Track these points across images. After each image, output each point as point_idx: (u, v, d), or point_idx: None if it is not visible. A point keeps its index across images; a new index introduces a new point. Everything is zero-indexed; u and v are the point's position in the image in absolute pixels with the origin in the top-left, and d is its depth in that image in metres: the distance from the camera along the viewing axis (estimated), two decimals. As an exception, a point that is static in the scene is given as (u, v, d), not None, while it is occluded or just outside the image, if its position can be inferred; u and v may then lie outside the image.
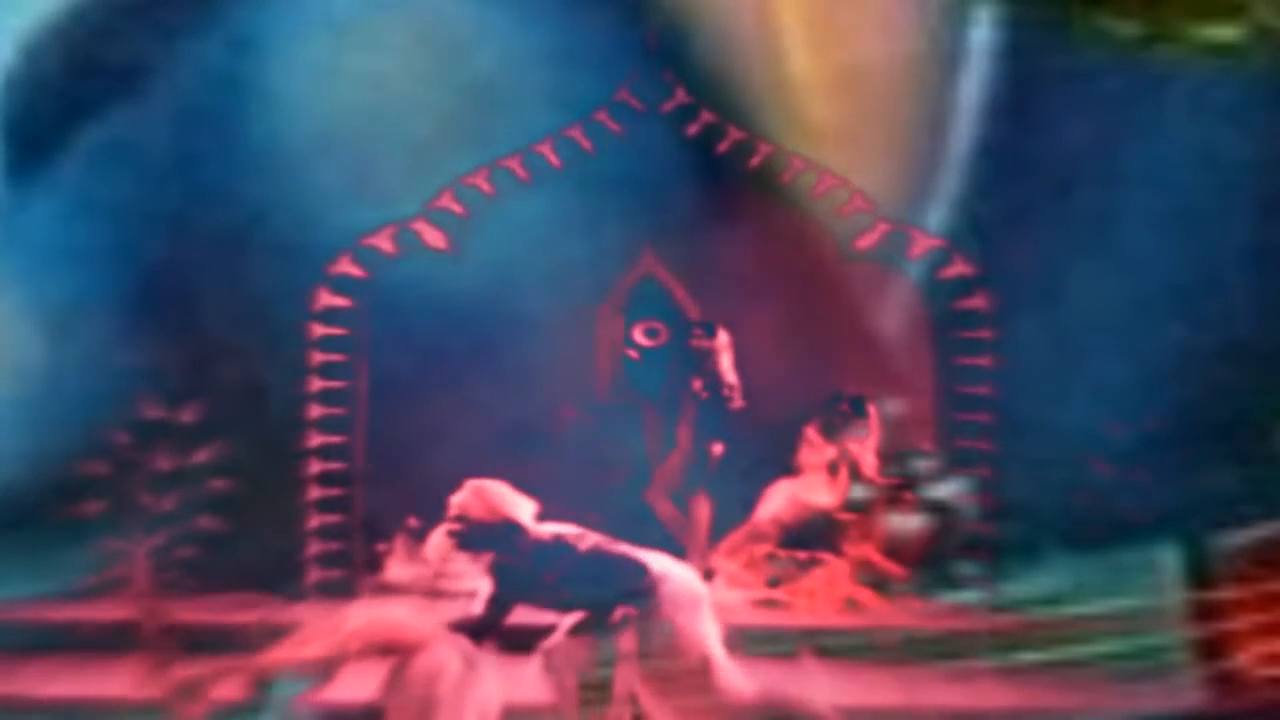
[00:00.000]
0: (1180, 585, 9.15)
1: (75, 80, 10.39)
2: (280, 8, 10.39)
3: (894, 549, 10.46)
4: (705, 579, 8.40)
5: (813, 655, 8.74)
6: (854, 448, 10.86)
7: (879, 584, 10.32)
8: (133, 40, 10.48)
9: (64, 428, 10.12)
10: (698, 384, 10.98)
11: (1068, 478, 10.34)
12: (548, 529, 7.25)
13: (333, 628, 7.15)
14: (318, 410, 11.05)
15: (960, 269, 11.07)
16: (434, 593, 9.50)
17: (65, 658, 9.02)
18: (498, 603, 7.26)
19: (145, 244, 10.45)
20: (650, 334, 11.51)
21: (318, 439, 11.05)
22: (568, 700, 7.20)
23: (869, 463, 10.83)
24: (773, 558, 10.59)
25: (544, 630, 7.34)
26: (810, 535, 10.68)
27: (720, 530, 10.86)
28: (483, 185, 11.17)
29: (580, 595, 7.18)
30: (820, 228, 11.23)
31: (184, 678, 7.15)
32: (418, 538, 10.51)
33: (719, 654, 7.17)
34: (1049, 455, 10.24)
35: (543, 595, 7.22)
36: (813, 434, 10.97)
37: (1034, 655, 8.96)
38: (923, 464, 10.63)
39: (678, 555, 7.75)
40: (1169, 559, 9.24)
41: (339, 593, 10.31)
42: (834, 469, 10.84)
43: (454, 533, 7.31)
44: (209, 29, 10.47)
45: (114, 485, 10.63)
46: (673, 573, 7.27)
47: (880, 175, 10.93)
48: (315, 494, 10.99)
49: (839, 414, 10.96)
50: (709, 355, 10.99)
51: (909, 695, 8.62)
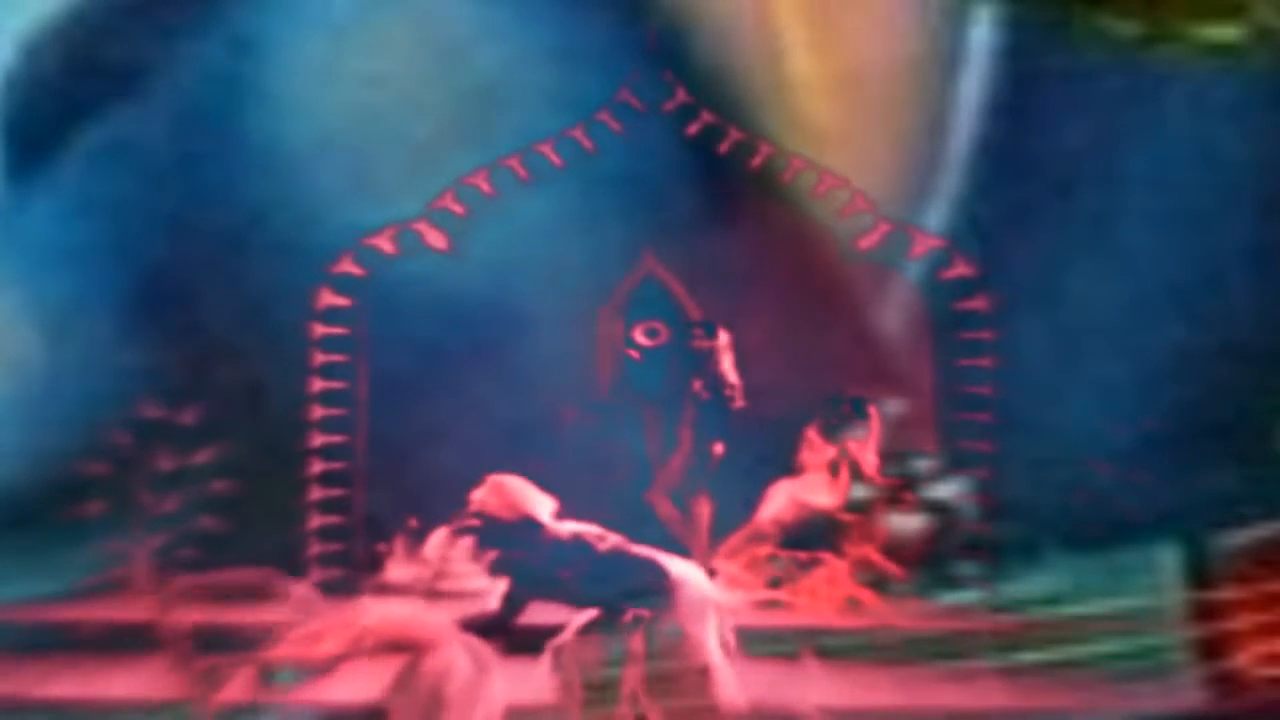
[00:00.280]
0: (1180, 585, 9.15)
1: (75, 80, 10.39)
2: (280, 8, 10.39)
3: (894, 549, 10.45)
4: (706, 579, 8.40)
5: (813, 656, 8.74)
6: (854, 448, 10.85)
7: (879, 584, 10.31)
8: (133, 40, 10.48)
9: (64, 428, 10.12)
10: (698, 384, 10.98)
11: (1068, 478, 10.34)
12: (567, 527, 7.24)
13: (347, 623, 7.14)
14: (318, 410, 11.06)
15: (961, 270, 11.06)
16: (434, 593, 9.49)
17: (65, 658, 9.01)
18: (512, 599, 7.25)
19: (145, 244, 10.45)
20: (651, 334, 11.50)
21: (318, 439, 11.06)
22: (573, 700, 7.20)
23: (869, 463, 10.82)
24: (773, 558, 10.58)
25: (551, 630, 7.34)
26: (811, 535, 10.67)
27: (721, 530, 10.86)
28: (483, 185, 11.17)
29: (596, 594, 7.17)
30: (821, 228, 11.21)
31: (203, 671, 7.15)
32: (418, 538, 10.52)
33: (720, 662, 7.17)
34: (1049, 455, 10.24)
35: (558, 593, 7.22)
36: (813, 434, 10.97)
37: (1034, 655, 8.96)
38: (923, 464, 10.63)
39: (678, 556, 7.75)
40: (1169, 559, 9.24)
41: (340, 593, 10.31)
42: (835, 469, 10.84)
43: (472, 528, 7.31)
44: (209, 29, 10.47)
45: (115, 485, 10.63)
46: (691, 578, 7.26)
47: (881, 176, 10.93)
48: (316, 494, 11.00)
49: (839, 414, 10.96)
50: (710, 355, 10.99)
51: (909, 695, 8.62)
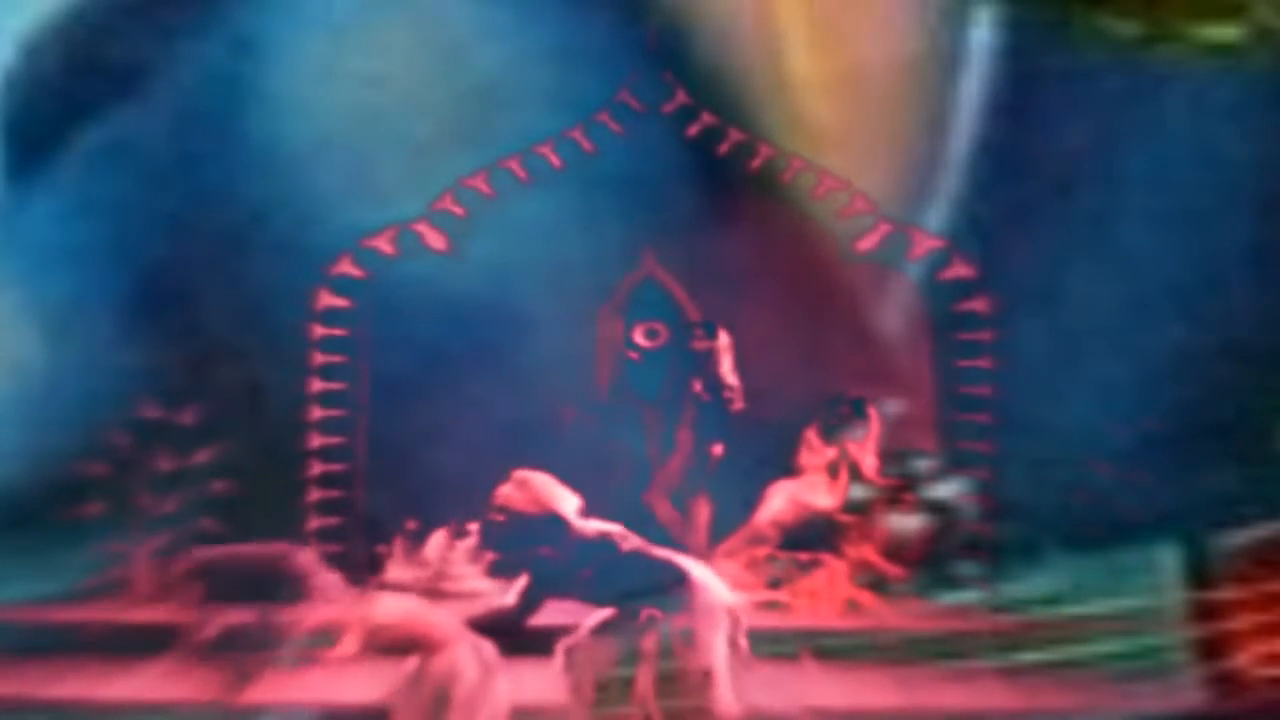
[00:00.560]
0: (1180, 585, 9.14)
1: (75, 80, 10.39)
2: (280, 8, 10.39)
3: (894, 550, 10.45)
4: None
5: (813, 656, 8.74)
6: (854, 449, 10.85)
7: (879, 585, 10.31)
8: (133, 40, 10.48)
9: (64, 428, 10.12)
10: (698, 385, 10.98)
11: (1068, 478, 10.35)
12: (593, 525, 7.23)
13: (361, 619, 7.13)
14: (318, 411, 11.06)
15: (960, 270, 11.07)
16: (434, 594, 9.50)
17: (65, 659, 9.01)
18: (530, 595, 7.24)
19: (145, 244, 10.45)
20: (650, 335, 11.50)
21: (318, 440, 11.06)
22: (582, 700, 7.19)
23: (869, 464, 10.82)
24: (773, 559, 10.58)
25: (556, 631, 7.33)
26: (810, 536, 10.66)
27: (720, 531, 10.86)
28: (483, 186, 11.18)
29: (615, 593, 7.16)
30: (821, 229, 11.22)
31: (233, 669, 7.16)
32: (418, 539, 10.52)
33: (722, 669, 7.17)
34: (1049, 455, 10.24)
35: (577, 590, 7.20)
36: (813, 435, 10.96)
37: (1034, 655, 8.95)
38: (923, 464, 10.63)
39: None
40: (1169, 559, 9.23)
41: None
42: (834, 470, 10.83)
43: (496, 523, 7.29)
44: (209, 29, 10.47)
45: (114, 486, 10.64)
46: (710, 584, 7.26)
47: (881, 176, 10.93)
48: (315, 495, 10.99)
49: (839, 415, 10.95)
50: (709, 356, 10.99)
51: (909, 696, 8.61)
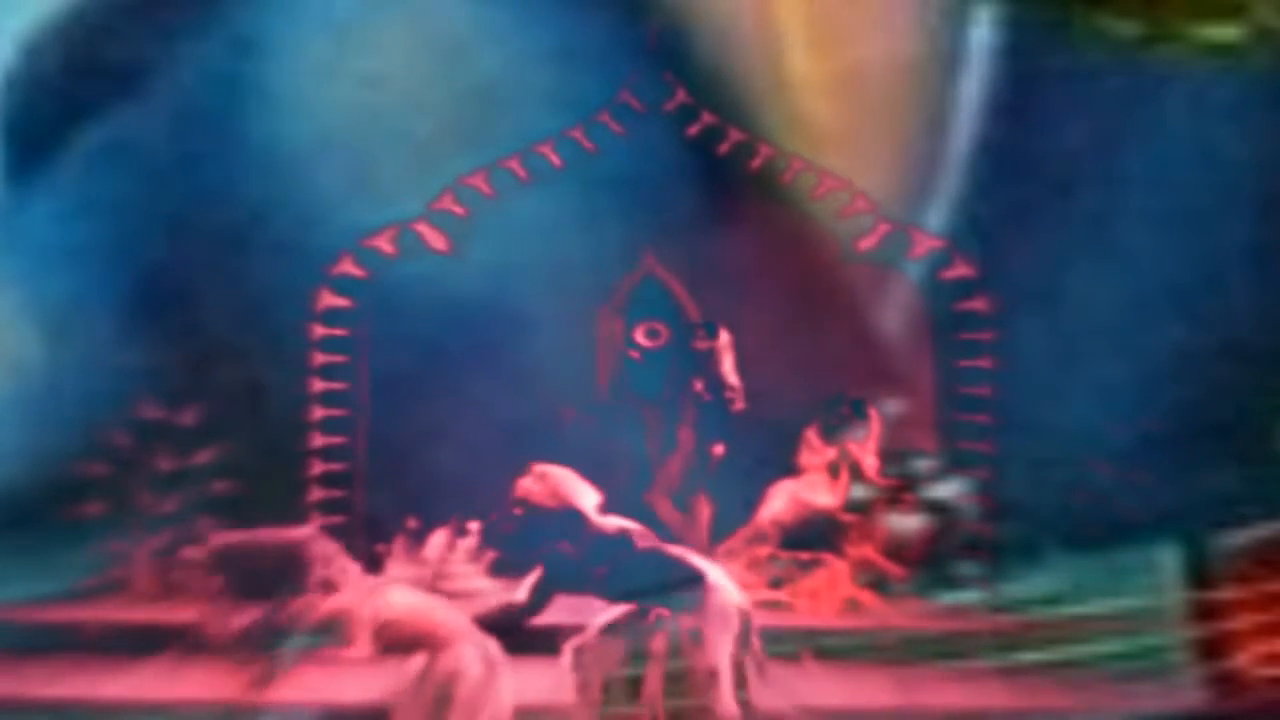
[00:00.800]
0: (1180, 585, 9.14)
1: (75, 80, 10.39)
2: (281, 8, 10.39)
3: (894, 549, 10.45)
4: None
5: (813, 656, 8.74)
6: (854, 449, 10.85)
7: (879, 584, 10.31)
8: (133, 40, 10.48)
9: (64, 428, 10.12)
10: (699, 385, 10.98)
11: (1068, 478, 10.35)
12: (612, 522, 7.22)
13: (371, 615, 7.13)
14: (318, 411, 11.06)
15: (960, 270, 11.07)
16: (434, 593, 9.49)
17: (65, 658, 9.01)
18: (542, 590, 7.22)
19: (145, 244, 10.46)
20: (651, 335, 11.50)
21: (318, 440, 11.06)
22: (589, 700, 7.18)
23: (869, 463, 10.82)
24: (774, 559, 10.58)
25: (567, 630, 7.34)
26: (811, 536, 10.67)
27: (721, 531, 10.86)
28: (483, 186, 11.18)
29: (628, 591, 7.15)
30: (821, 229, 11.22)
31: (260, 668, 7.16)
32: (418, 538, 10.53)
33: (727, 671, 7.17)
34: (1049, 455, 10.24)
35: (591, 586, 7.19)
36: (813, 435, 10.97)
37: (1034, 655, 8.95)
38: (923, 465, 10.63)
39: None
40: (1169, 559, 9.23)
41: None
42: (834, 470, 10.84)
43: (513, 516, 7.28)
44: (209, 29, 10.47)
45: (114, 486, 10.66)
46: (724, 586, 7.26)
47: (881, 176, 10.94)
48: (316, 495, 11.00)
49: (840, 415, 10.96)
50: (710, 356, 10.99)
51: (909, 695, 8.62)
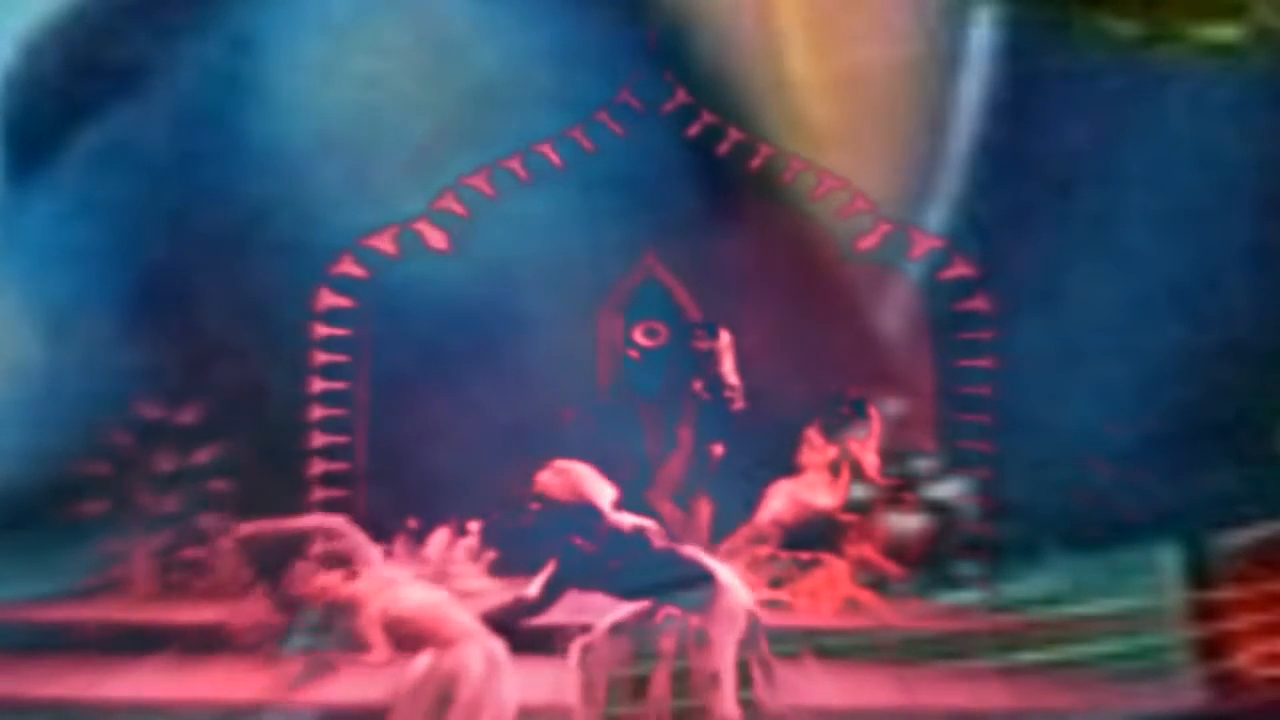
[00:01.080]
0: (1180, 585, 9.14)
1: (75, 80, 10.39)
2: (280, 8, 10.39)
3: (894, 549, 10.45)
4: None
5: (813, 656, 8.74)
6: (855, 448, 10.85)
7: (879, 584, 10.31)
8: (133, 40, 10.48)
9: (64, 428, 10.13)
10: (699, 385, 10.98)
11: (1068, 478, 10.34)
12: (628, 519, 7.23)
13: (382, 612, 7.13)
14: (319, 411, 11.06)
15: (960, 270, 11.06)
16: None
17: (65, 658, 9.02)
18: (554, 585, 7.22)
19: (145, 244, 10.46)
20: (651, 334, 11.49)
21: (319, 439, 11.06)
22: (594, 700, 7.18)
23: (870, 463, 10.82)
24: (774, 558, 10.58)
25: (572, 630, 7.34)
26: (811, 536, 10.66)
27: (721, 531, 10.85)
28: (483, 186, 11.18)
29: (640, 588, 7.15)
30: (821, 229, 11.22)
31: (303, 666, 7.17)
32: (418, 538, 10.52)
33: (729, 675, 7.18)
34: (1049, 455, 10.24)
35: (603, 583, 7.19)
36: (814, 435, 10.96)
37: (1034, 655, 8.95)
38: (923, 464, 10.63)
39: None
40: (1169, 559, 9.23)
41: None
42: (835, 470, 10.83)
43: (532, 511, 7.29)
44: (209, 29, 10.47)
45: (114, 485, 10.65)
46: (735, 588, 7.26)
47: (881, 176, 10.93)
48: (316, 495, 10.99)
49: (840, 415, 10.95)
50: (710, 356, 10.98)
51: (909, 695, 8.62)
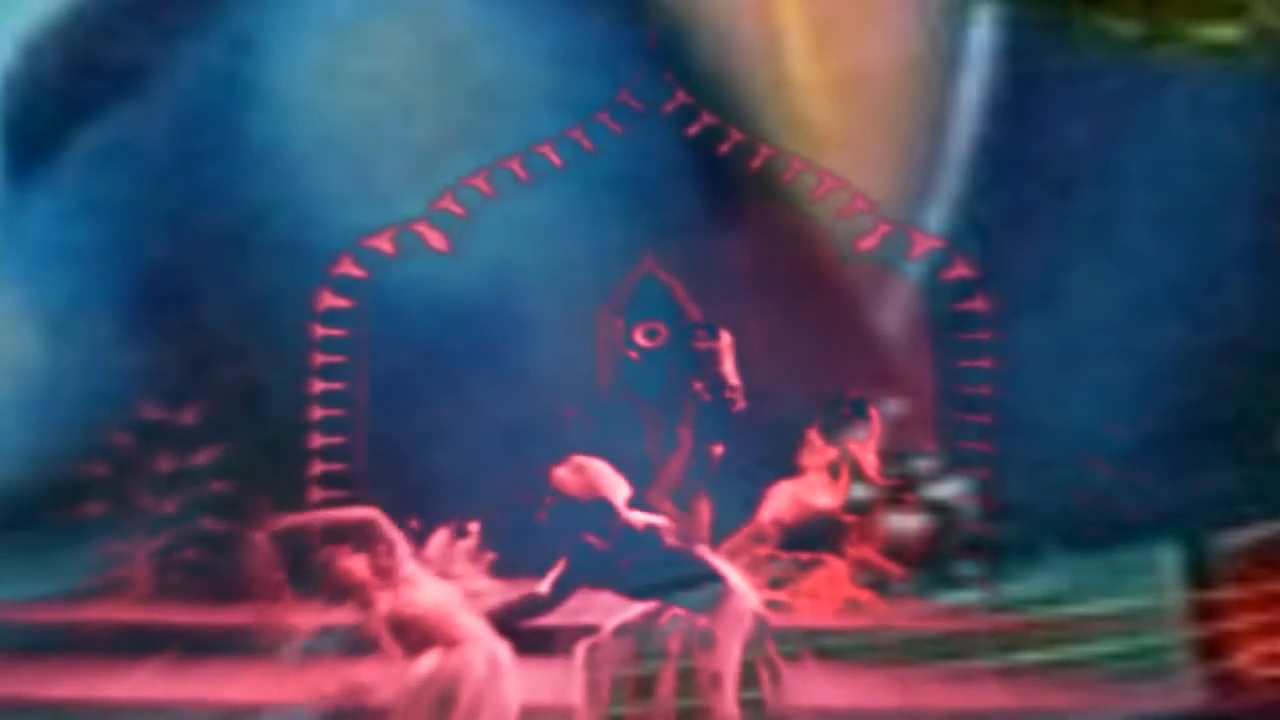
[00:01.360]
0: (1180, 585, 9.14)
1: (75, 80, 10.39)
2: (280, 8, 10.38)
3: (894, 550, 10.45)
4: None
5: (813, 656, 8.74)
6: (855, 449, 10.84)
7: (879, 585, 10.31)
8: (133, 40, 10.48)
9: (64, 429, 10.13)
10: (699, 385, 10.97)
11: (1068, 478, 10.34)
12: (641, 517, 7.22)
13: (390, 610, 7.12)
14: (318, 411, 11.05)
15: (961, 271, 11.06)
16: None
17: (65, 658, 9.01)
18: (564, 582, 7.22)
19: (145, 244, 10.46)
20: (651, 335, 11.48)
21: (319, 440, 11.04)
22: (598, 701, 7.17)
23: (870, 464, 10.81)
24: (774, 559, 10.57)
25: (576, 630, 7.33)
26: (811, 536, 10.65)
27: (721, 531, 10.84)
28: (483, 186, 11.17)
29: (649, 588, 7.15)
30: (821, 229, 11.20)
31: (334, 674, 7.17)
32: (418, 539, 10.52)
33: (731, 677, 7.17)
34: (1049, 455, 10.24)
35: (613, 580, 7.19)
36: (814, 435, 10.95)
37: (1034, 655, 8.95)
38: (923, 464, 10.63)
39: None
40: (1169, 559, 9.23)
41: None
42: (835, 470, 10.83)
43: (542, 508, 7.28)
44: (209, 29, 10.46)
45: (114, 486, 10.64)
46: (743, 591, 7.26)
47: (881, 176, 10.92)
48: (316, 495, 10.98)
49: (840, 415, 10.94)
50: (710, 356, 10.98)
51: (909, 696, 8.62)
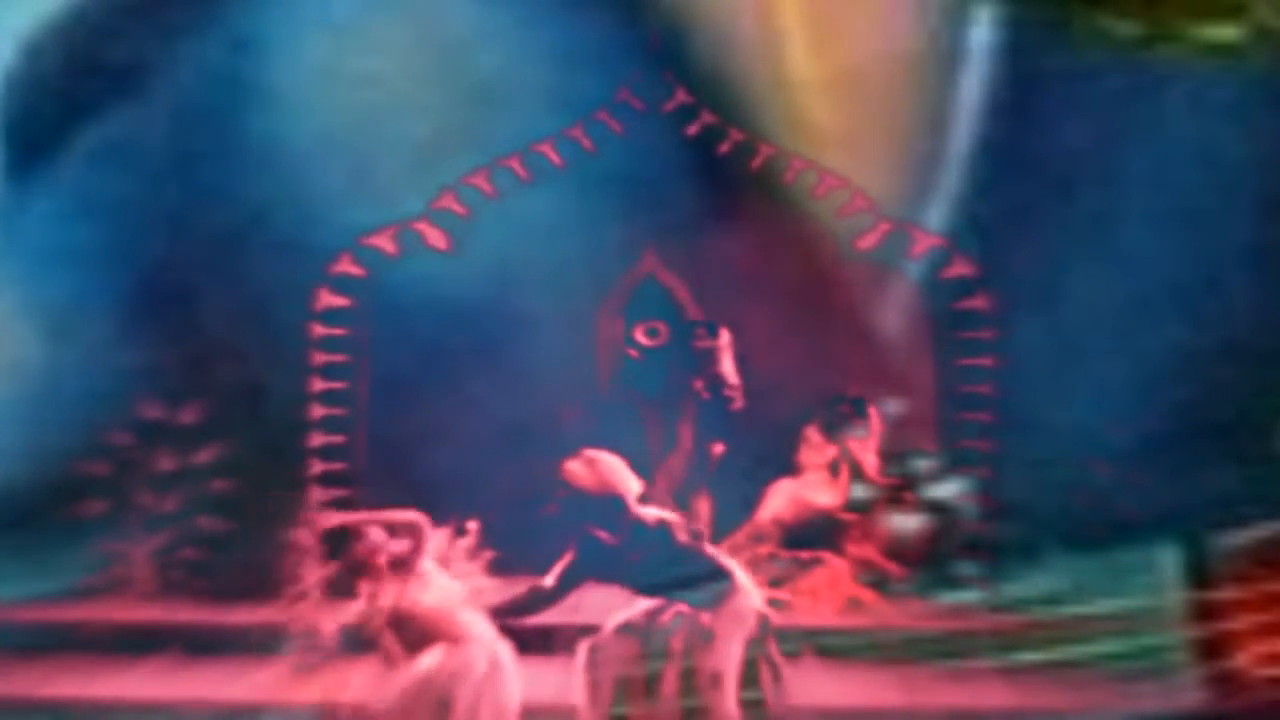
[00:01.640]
0: (1180, 585, 9.15)
1: (75, 80, 10.41)
2: (280, 8, 10.40)
3: (894, 549, 10.45)
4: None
5: (813, 655, 8.75)
6: (855, 448, 10.84)
7: (880, 584, 10.31)
8: (133, 40, 10.50)
9: (64, 428, 10.14)
10: (699, 384, 10.97)
11: (1068, 478, 10.36)
12: (652, 511, 7.22)
13: (394, 610, 7.13)
14: (318, 410, 11.06)
15: (961, 269, 11.07)
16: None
17: (65, 658, 9.02)
18: (570, 576, 7.22)
19: (145, 244, 10.49)
20: (651, 334, 11.50)
21: (318, 439, 11.06)
22: (600, 700, 7.18)
23: (870, 463, 10.81)
24: (774, 558, 10.58)
25: (577, 630, 7.34)
26: (811, 535, 10.66)
27: (721, 530, 10.85)
28: (483, 185, 11.18)
29: (657, 582, 7.15)
30: (821, 228, 11.22)
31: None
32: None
33: (731, 676, 7.18)
34: (1049, 455, 10.25)
35: (620, 575, 7.19)
36: (813, 434, 10.95)
37: (1034, 655, 8.95)
38: (923, 464, 10.63)
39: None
40: (1169, 559, 9.24)
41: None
42: (835, 469, 10.83)
43: (549, 504, 7.28)
44: (209, 29, 10.48)
45: (114, 485, 10.67)
46: (749, 590, 7.26)
47: (881, 175, 10.94)
48: (316, 494, 10.99)
49: (840, 414, 10.94)
50: (710, 355, 10.97)
51: (909, 695, 8.62)
